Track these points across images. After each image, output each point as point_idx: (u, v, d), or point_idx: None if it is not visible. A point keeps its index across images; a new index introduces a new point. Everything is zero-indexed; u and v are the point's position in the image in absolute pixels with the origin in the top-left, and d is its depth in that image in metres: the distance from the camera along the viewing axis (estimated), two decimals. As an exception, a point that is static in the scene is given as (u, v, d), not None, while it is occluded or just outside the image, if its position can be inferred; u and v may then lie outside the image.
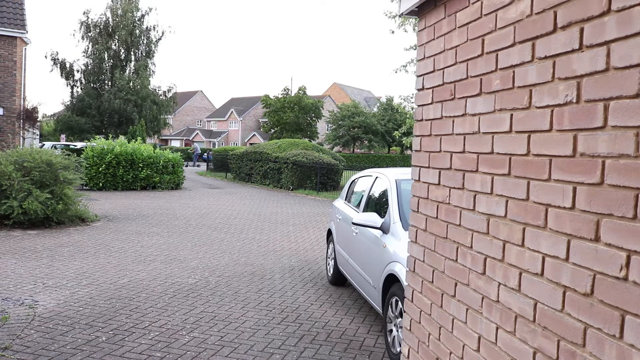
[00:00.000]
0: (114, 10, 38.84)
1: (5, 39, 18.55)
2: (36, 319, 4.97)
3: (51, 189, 10.14)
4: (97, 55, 38.26)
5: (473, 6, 2.38)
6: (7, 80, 18.65)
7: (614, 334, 1.48)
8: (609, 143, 1.53)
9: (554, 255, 1.77)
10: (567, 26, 1.73)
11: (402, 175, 5.34)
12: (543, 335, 1.82)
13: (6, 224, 9.86)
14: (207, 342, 4.56)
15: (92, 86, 38.37)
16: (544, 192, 1.83)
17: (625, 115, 1.47)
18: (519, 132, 2.00)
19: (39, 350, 4.22)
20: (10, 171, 9.79)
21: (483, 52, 2.28)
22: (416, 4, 2.90)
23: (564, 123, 1.74)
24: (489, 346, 2.18)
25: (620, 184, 1.48)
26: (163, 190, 18.97)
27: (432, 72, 2.81)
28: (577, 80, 1.67)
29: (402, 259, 4.19)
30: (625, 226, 1.46)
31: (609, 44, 1.54)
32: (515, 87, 2.03)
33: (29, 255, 7.79)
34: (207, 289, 6.33)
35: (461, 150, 2.46)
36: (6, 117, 18.66)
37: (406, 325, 3.11)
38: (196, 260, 7.86)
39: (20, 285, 6.09)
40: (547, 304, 1.80)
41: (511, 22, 2.06)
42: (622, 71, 1.49)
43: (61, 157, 10.75)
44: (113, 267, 7.25)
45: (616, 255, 1.49)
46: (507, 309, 2.05)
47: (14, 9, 19.21)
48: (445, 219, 2.62)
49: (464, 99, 2.45)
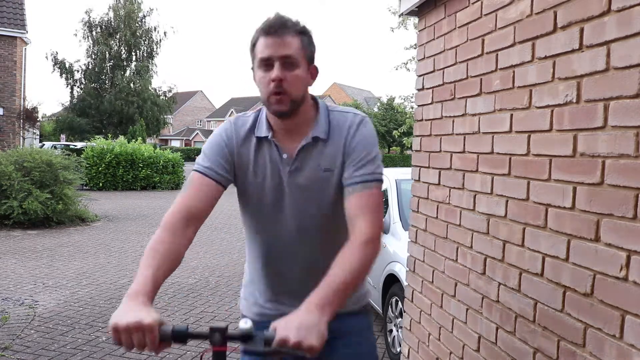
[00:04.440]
0: (116, 10, 38.83)
1: (5, 39, 18.55)
2: (36, 319, 4.97)
3: (51, 189, 10.13)
4: (99, 55, 38.24)
5: (473, 6, 2.38)
6: (7, 80, 18.65)
7: (614, 334, 1.48)
8: (609, 143, 1.53)
9: (554, 255, 1.77)
10: (567, 26, 1.73)
11: (402, 175, 5.34)
12: (543, 335, 1.82)
13: (6, 224, 9.86)
14: (207, 342, 4.56)
15: (93, 86, 38.34)
16: (544, 192, 1.83)
17: (625, 115, 1.47)
18: (519, 132, 2.00)
19: (39, 350, 4.22)
20: (10, 171, 9.79)
21: (483, 52, 2.28)
22: (416, 4, 2.90)
23: (564, 123, 1.74)
24: (489, 346, 2.18)
25: (620, 184, 1.48)
26: (163, 190, 18.97)
27: (432, 72, 2.81)
28: (577, 80, 1.67)
29: (402, 259, 4.18)
30: (625, 226, 1.46)
31: (609, 44, 1.54)
32: (515, 87, 2.03)
33: (29, 255, 7.80)
34: (207, 289, 6.33)
35: (461, 150, 2.46)
36: (6, 117, 18.67)
37: (406, 325, 3.11)
38: (196, 260, 7.86)
39: (20, 285, 6.09)
40: (547, 304, 1.80)
41: (511, 22, 2.06)
42: (622, 71, 1.49)
43: (61, 157, 10.74)
44: (113, 267, 7.25)
45: (616, 255, 1.49)
46: (507, 309, 2.05)
47: (14, 9, 19.21)
48: (445, 219, 2.62)
49: (464, 99, 2.45)
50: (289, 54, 1.43)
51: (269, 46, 1.42)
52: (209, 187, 1.48)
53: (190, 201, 1.45)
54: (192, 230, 1.43)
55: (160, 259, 1.32)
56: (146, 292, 1.23)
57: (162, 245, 1.35)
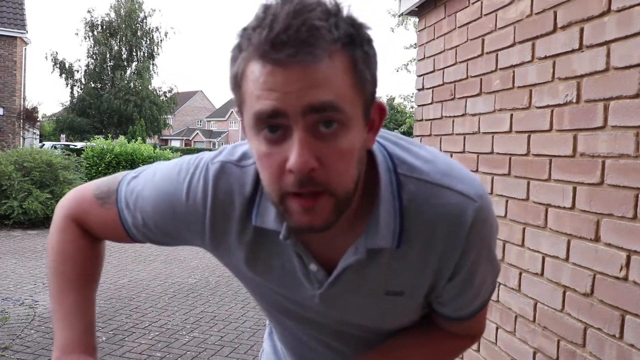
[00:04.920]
0: (117, 10, 38.83)
1: (5, 39, 18.55)
2: (36, 319, 4.98)
3: (51, 189, 10.14)
4: (99, 55, 38.24)
5: (473, 6, 2.38)
6: (7, 80, 18.65)
7: (614, 334, 1.48)
8: (609, 143, 1.53)
9: (554, 255, 1.77)
10: (567, 26, 1.73)
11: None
12: (543, 335, 1.82)
13: (6, 224, 9.86)
14: (207, 342, 4.57)
15: (93, 86, 38.35)
16: (544, 192, 1.83)
17: (625, 115, 1.47)
18: (519, 132, 2.00)
19: (39, 350, 4.22)
20: (10, 171, 9.79)
21: (483, 52, 2.28)
22: (416, 4, 2.89)
23: (564, 123, 1.73)
24: (489, 346, 2.18)
25: (620, 184, 1.48)
26: (163, 190, 18.95)
27: (432, 72, 2.81)
28: (577, 80, 1.67)
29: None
30: (625, 226, 1.45)
31: (609, 44, 1.54)
32: (515, 87, 2.03)
33: (29, 255, 7.80)
34: (207, 289, 6.34)
35: (461, 150, 2.45)
36: (6, 117, 18.67)
37: (406, 325, 3.11)
38: (196, 260, 7.86)
39: (20, 285, 6.09)
40: (547, 304, 1.80)
41: (511, 22, 2.06)
42: (622, 71, 1.48)
43: (61, 157, 10.75)
44: (113, 267, 7.26)
45: (616, 255, 1.48)
46: (507, 309, 2.05)
47: (14, 9, 19.21)
48: (445, 219, 2.62)
49: (464, 99, 2.45)
50: (327, 100, 0.62)
51: (278, 87, 0.62)
52: (118, 235, 0.95)
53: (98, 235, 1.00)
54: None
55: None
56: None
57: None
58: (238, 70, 0.66)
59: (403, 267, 0.78)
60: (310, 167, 0.63)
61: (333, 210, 0.67)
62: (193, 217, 0.82)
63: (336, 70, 0.63)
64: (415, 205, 0.74)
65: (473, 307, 0.87)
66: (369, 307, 0.84)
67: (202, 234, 0.84)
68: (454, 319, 0.88)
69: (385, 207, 0.73)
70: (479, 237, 0.75)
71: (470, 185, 0.74)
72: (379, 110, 0.72)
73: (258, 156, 0.68)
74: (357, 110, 0.66)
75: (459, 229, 0.73)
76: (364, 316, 0.85)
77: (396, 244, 0.75)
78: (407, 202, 0.74)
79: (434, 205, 0.73)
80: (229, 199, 0.80)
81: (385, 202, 0.73)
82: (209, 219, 0.81)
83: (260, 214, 0.78)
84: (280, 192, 0.66)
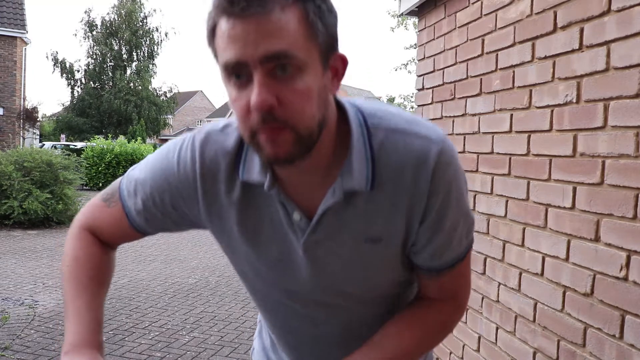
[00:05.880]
0: (118, 10, 38.84)
1: (5, 39, 18.55)
2: (36, 319, 4.98)
3: (51, 189, 10.13)
4: (100, 55, 38.25)
5: (473, 6, 2.38)
6: (7, 80, 18.66)
7: (614, 334, 1.48)
8: (609, 143, 1.53)
9: (554, 255, 1.77)
10: (567, 26, 1.73)
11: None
12: (543, 335, 1.82)
13: (6, 224, 9.86)
14: (207, 342, 4.57)
15: (93, 86, 38.36)
16: (544, 192, 1.83)
17: (625, 115, 1.47)
18: (519, 132, 2.00)
19: (39, 350, 4.22)
20: (10, 171, 9.79)
21: (483, 52, 2.28)
22: (416, 4, 2.90)
23: (564, 123, 1.74)
24: (489, 346, 2.18)
25: (620, 184, 1.48)
26: (163, 190, 18.94)
27: (432, 72, 2.81)
28: (577, 80, 1.67)
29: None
30: (625, 226, 1.46)
31: (609, 44, 1.54)
32: (515, 87, 2.03)
33: (29, 255, 7.80)
34: (207, 289, 6.34)
35: (461, 150, 2.46)
36: (6, 117, 18.67)
37: (406, 325, 3.11)
38: (196, 260, 7.87)
39: (20, 285, 6.09)
40: (547, 304, 1.80)
41: (511, 22, 2.06)
42: (622, 71, 1.49)
43: (61, 157, 10.74)
44: (113, 267, 7.26)
45: (616, 255, 1.48)
46: (507, 309, 2.05)
47: (14, 9, 19.21)
48: (445, 219, 2.62)
49: (464, 99, 2.45)
50: (280, 49, 0.70)
51: (238, 38, 0.71)
52: (126, 232, 1.01)
53: (102, 232, 1.03)
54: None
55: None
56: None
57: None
58: (209, 26, 0.76)
59: (378, 210, 0.85)
60: (268, 104, 0.71)
61: (295, 143, 0.75)
62: (185, 184, 0.91)
63: (288, 21, 0.71)
64: (385, 151, 0.82)
65: (448, 256, 0.92)
66: (350, 259, 0.90)
67: (196, 200, 0.92)
68: (432, 271, 0.93)
69: (358, 155, 0.82)
70: (444, 180, 0.82)
71: (433, 130, 0.83)
72: (341, 60, 0.80)
73: (230, 101, 0.77)
74: (313, 56, 0.74)
75: (424, 170, 0.81)
76: (346, 274, 0.92)
77: (369, 186, 0.82)
78: (377, 150, 0.82)
79: (401, 149, 0.82)
80: (215, 162, 0.89)
81: (357, 151, 0.82)
82: (199, 183, 0.90)
83: (246, 169, 0.87)
84: (250, 131, 0.76)
